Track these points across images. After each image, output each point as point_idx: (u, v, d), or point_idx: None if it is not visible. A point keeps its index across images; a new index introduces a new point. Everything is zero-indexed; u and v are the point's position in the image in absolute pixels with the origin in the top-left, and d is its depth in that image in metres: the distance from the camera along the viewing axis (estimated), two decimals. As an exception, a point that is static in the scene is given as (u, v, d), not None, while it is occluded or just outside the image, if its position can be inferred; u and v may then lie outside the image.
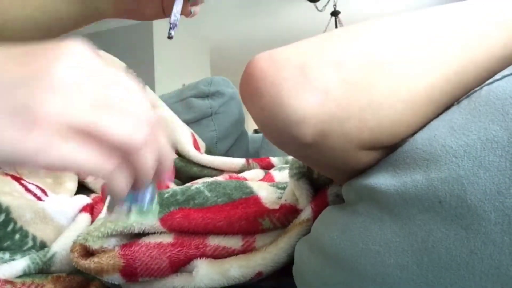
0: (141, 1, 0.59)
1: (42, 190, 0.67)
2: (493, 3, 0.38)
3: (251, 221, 0.53)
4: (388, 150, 0.38)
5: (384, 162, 0.37)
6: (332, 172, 0.44)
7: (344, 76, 0.32)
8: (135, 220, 0.53)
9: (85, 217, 0.65)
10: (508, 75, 0.31)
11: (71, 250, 0.56)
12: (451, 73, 0.34)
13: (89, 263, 0.53)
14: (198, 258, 0.52)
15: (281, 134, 0.33)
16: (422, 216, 0.31)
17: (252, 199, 0.56)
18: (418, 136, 0.34)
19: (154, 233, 0.56)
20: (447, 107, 0.36)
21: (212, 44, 5.08)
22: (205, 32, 4.75)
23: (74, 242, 0.56)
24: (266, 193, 0.57)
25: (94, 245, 0.54)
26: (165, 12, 0.61)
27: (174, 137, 0.95)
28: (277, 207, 0.54)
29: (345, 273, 0.36)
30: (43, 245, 0.59)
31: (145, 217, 0.34)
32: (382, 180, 0.34)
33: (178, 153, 0.95)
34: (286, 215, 0.53)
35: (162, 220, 0.54)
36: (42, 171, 0.73)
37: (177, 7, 0.54)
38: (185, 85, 1.33)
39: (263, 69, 0.33)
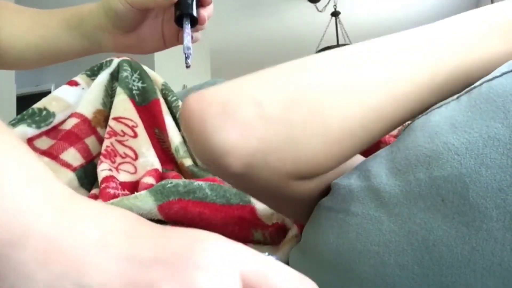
0: (142, 38, 0.60)
1: None
2: (419, 38, 0.39)
3: (245, 228, 0.56)
4: (322, 179, 0.40)
5: (383, 159, 0.37)
6: (274, 204, 0.47)
7: (262, 113, 0.35)
8: None
9: None
10: (507, 72, 0.31)
11: None
12: (367, 109, 0.36)
13: None
14: None
15: (212, 165, 0.36)
16: (422, 215, 0.31)
17: (248, 207, 0.58)
18: (419, 133, 0.34)
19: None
20: (374, 138, 0.38)
21: (213, 45, 5.08)
22: (205, 32, 4.75)
23: None
24: (262, 207, 0.59)
25: None
26: (166, 43, 0.61)
27: None
28: (269, 223, 0.57)
29: (343, 277, 0.35)
30: None
31: None
32: (385, 180, 0.34)
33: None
34: (278, 232, 0.56)
35: (160, 207, 0.56)
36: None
37: (187, 38, 0.55)
38: (186, 86, 1.34)
39: (192, 107, 0.36)
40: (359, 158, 0.44)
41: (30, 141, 0.81)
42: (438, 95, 0.38)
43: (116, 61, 0.98)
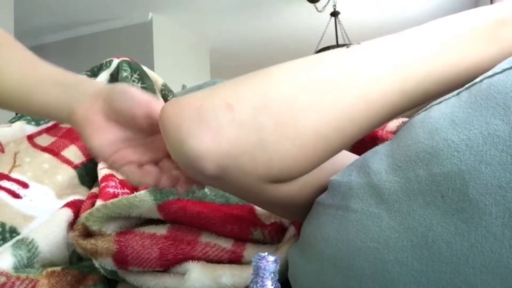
0: None
1: (23, 184, 0.69)
2: (390, 45, 0.39)
3: (244, 227, 0.56)
4: (302, 184, 0.40)
5: (383, 155, 0.37)
6: (260, 205, 0.47)
7: (234, 117, 0.35)
8: None
9: (64, 212, 0.67)
10: (508, 68, 0.31)
11: (74, 229, 0.59)
12: (340, 111, 0.37)
13: (86, 244, 0.56)
14: (190, 261, 0.54)
15: (188, 167, 0.37)
16: (422, 211, 0.31)
17: (247, 207, 0.58)
18: (419, 129, 0.34)
19: (150, 224, 0.58)
20: (347, 143, 0.38)
21: (212, 45, 5.08)
22: (205, 32, 4.75)
23: (78, 221, 0.59)
24: None
25: (94, 226, 0.56)
26: None
27: None
28: (268, 222, 0.57)
29: (343, 273, 0.36)
30: (12, 231, 0.62)
31: None
32: (385, 176, 0.34)
33: None
34: (276, 231, 0.57)
35: (160, 207, 0.56)
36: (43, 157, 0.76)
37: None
38: (185, 85, 1.34)
39: (168, 113, 0.37)
40: (346, 159, 0.44)
41: (30, 138, 0.81)
42: (410, 100, 0.39)
43: (115, 61, 0.97)
